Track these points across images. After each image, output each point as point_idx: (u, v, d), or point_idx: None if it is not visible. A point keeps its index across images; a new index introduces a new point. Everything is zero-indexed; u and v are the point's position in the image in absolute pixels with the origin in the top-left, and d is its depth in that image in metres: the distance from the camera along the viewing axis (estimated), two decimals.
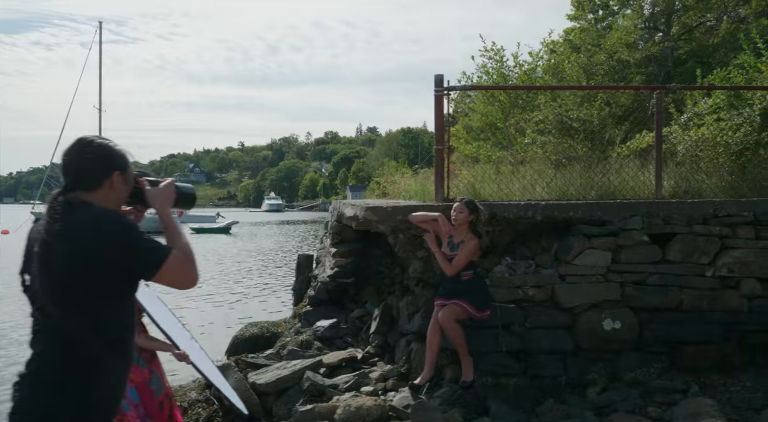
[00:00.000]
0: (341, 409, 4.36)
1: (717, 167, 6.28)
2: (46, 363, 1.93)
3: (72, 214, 1.93)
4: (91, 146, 2.06)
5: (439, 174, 5.59)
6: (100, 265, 1.90)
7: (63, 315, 1.90)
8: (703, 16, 31.36)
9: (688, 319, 5.05)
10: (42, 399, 1.90)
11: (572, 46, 36.09)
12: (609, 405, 4.56)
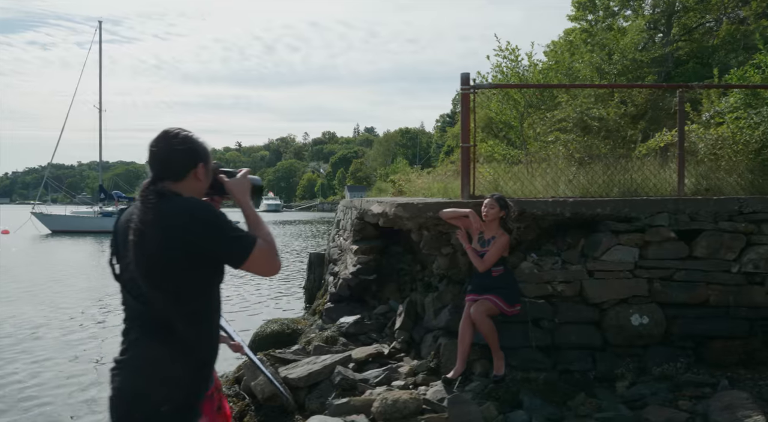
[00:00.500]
0: (378, 402, 4.41)
1: (736, 165, 6.36)
2: (144, 348, 1.99)
3: (165, 204, 1.99)
4: (177, 138, 2.12)
5: (466, 171, 5.64)
6: (193, 253, 1.96)
7: (158, 302, 1.96)
8: (702, 17, 31.50)
9: (715, 315, 5.12)
10: (143, 382, 1.97)
11: (573, 46, 36.16)
12: (639, 398, 4.61)
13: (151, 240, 1.93)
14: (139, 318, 2.02)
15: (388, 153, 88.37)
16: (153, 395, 1.96)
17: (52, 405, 6.34)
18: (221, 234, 1.99)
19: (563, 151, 6.28)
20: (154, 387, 1.96)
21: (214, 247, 1.99)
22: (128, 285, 2.04)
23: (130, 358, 2.01)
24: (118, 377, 2.02)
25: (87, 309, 11.69)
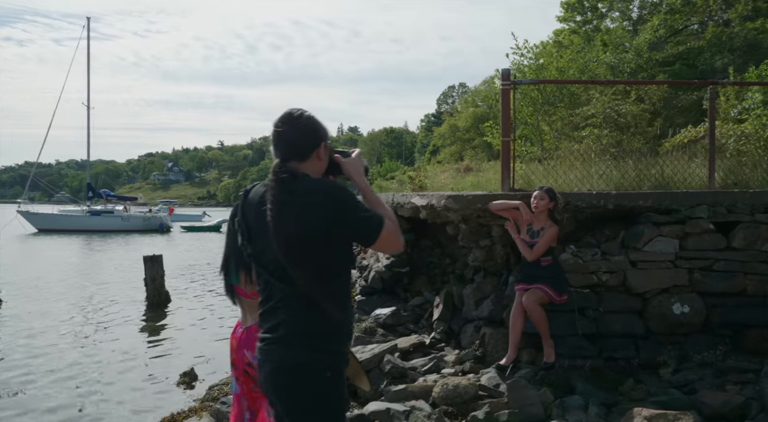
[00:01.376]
0: (439, 387, 4.51)
1: (760, 160, 6.56)
2: (297, 324, 2.06)
3: (301, 184, 2.04)
4: (302, 118, 2.16)
5: (506, 165, 5.76)
6: (330, 233, 2.02)
7: (302, 281, 2.02)
8: (688, 19, 32.05)
9: (752, 304, 5.29)
10: (305, 352, 2.05)
11: (562, 46, 36.66)
12: (686, 384, 4.76)
13: (290, 220, 1.99)
14: (286, 298, 2.07)
15: (373, 152, 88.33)
16: (316, 363, 2.05)
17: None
18: (356, 214, 2.04)
19: (595, 146, 6.44)
20: (315, 357, 2.05)
21: (350, 226, 2.05)
22: (270, 266, 2.09)
23: (286, 334, 2.06)
24: (274, 351, 2.08)
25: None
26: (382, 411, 4.48)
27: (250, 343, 3.47)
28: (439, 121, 68.04)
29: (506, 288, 5.69)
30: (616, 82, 8.69)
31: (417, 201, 5.94)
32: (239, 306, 3.62)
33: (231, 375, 3.74)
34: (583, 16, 35.98)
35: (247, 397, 3.57)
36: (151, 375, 7.05)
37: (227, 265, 3.57)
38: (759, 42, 24.27)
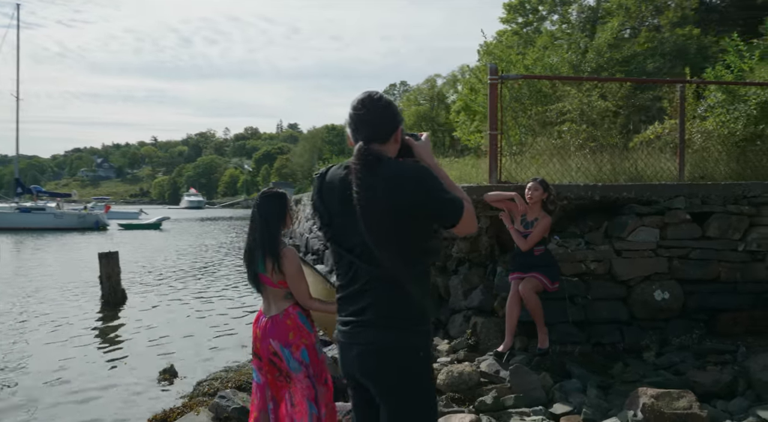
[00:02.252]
0: (444, 375, 4.58)
1: (722, 155, 6.95)
2: (383, 309, 2.07)
3: (388, 166, 2.05)
4: (381, 101, 2.17)
5: (494, 158, 5.90)
6: (417, 214, 2.04)
7: (388, 262, 2.02)
8: (622, 24, 33.33)
9: (724, 290, 5.62)
10: (400, 333, 2.07)
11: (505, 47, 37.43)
12: (670, 366, 5.02)
13: (379, 202, 1.99)
14: (373, 280, 2.08)
15: (314, 149, 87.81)
16: (408, 344, 2.07)
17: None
18: (441, 196, 2.06)
19: (573, 140, 6.68)
20: (406, 337, 2.07)
21: (435, 207, 2.06)
22: (356, 249, 2.09)
23: (374, 317, 2.07)
24: (363, 334, 2.09)
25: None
26: None
27: (276, 332, 3.45)
28: None
29: (494, 278, 5.82)
30: (601, 79, 9.02)
31: None
32: (263, 295, 3.59)
33: (252, 365, 3.70)
34: (524, 17, 36.95)
35: (271, 387, 3.55)
36: (126, 373, 6.83)
37: (253, 254, 3.54)
38: (687, 47, 25.52)
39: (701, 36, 27.06)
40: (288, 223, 3.60)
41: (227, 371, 5.90)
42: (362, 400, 2.25)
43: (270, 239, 3.47)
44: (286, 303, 3.49)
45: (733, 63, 8.19)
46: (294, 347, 3.43)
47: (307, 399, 3.44)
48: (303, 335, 3.46)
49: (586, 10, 36.20)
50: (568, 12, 36.05)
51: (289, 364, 3.43)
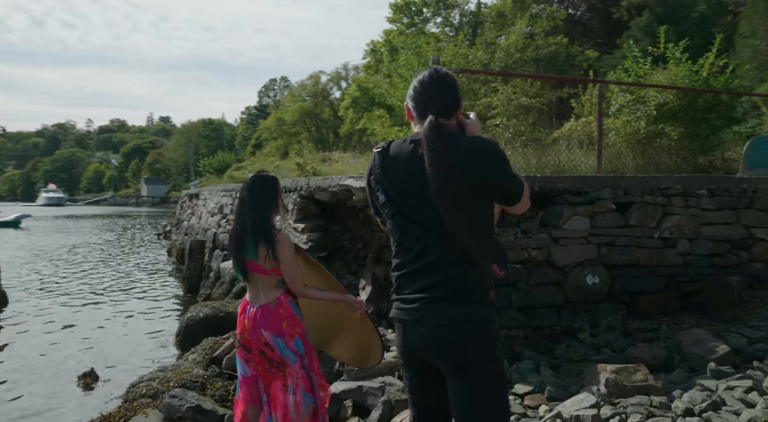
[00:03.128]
0: None
1: (627, 151, 7.57)
2: (455, 283, 2.08)
3: (459, 140, 2.07)
4: (449, 76, 2.21)
5: None
6: (488, 188, 2.09)
7: (460, 235, 2.04)
8: (500, 30, 35.18)
9: (643, 274, 6.12)
10: (473, 306, 2.10)
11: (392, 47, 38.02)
12: (605, 345, 5.39)
13: (454, 175, 1.99)
14: (443, 255, 2.07)
15: (189, 144, 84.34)
16: (482, 317, 2.11)
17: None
18: (511, 172, 2.11)
19: (504, 134, 6.96)
20: (480, 311, 2.10)
21: (505, 183, 2.10)
22: (425, 223, 2.08)
23: (447, 292, 2.07)
24: (434, 310, 2.08)
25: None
26: (354, 389, 4.49)
27: (268, 322, 3.32)
28: (262, 113, 67.03)
29: None
30: (533, 76, 9.43)
31: (352, 183, 5.95)
32: (250, 284, 3.43)
33: (238, 357, 3.52)
34: (409, 18, 37.85)
35: (263, 379, 3.40)
36: (37, 381, 6.20)
37: (242, 240, 3.36)
38: (557, 55, 27.43)
39: (569, 45, 29.17)
40: (280, 208, 3.47)
41: (164, 370, 5.55)
42: (424, 381, 2.22)
43: (263, 224, 3.33)
44: (278, 292, 3.37)
45: (631, 68, 8.93)
46: (288, 336, 3.33)
47: (302, 390, 3.34)
48: (296, 324, 3.37)
49: (468, 15, 37.76)
50: (451, 15, 37.41)
51: (284, 354, 3.31)
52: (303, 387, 3.35)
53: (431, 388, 2.21)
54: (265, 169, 3.23)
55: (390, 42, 36.24)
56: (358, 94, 33.23)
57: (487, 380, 2.06)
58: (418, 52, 9.72)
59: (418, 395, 2.25)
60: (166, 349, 7.41)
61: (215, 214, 12.28)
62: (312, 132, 48.91)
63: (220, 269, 10.05)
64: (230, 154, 35.34)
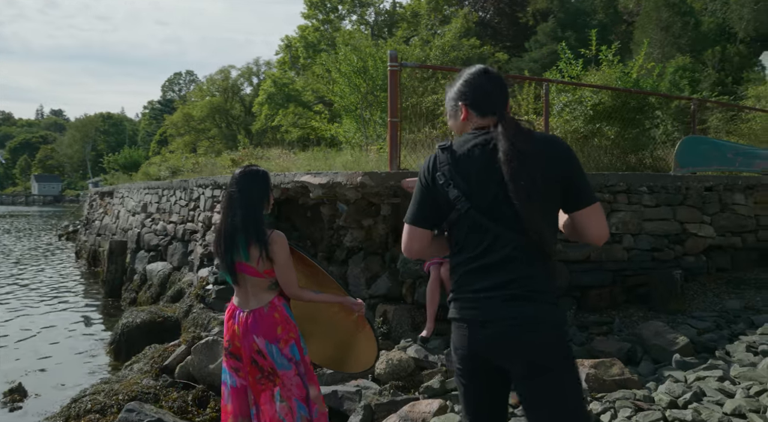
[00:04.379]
0: (384, 364, 4.48)
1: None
2: (530, 281, 1.99)
3: (535, 136, 2.06)
4: (498, 74, 2.22)
5: (394, 145, 5.89)
6: (565, 186, 2.03)
7: (537, 234, 1.98)
8: (414, 30, 35.72)
9: (593, 269, 6.30)
10: (548, 307, 2.00)
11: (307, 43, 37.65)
12: None
13: (534, 171, 1.95)
14: (518, 251, 2.00)
15: (86, 139, 79.63)
16: (557, 316, 2.04)
17: None
18: (584, 172, 2.08)
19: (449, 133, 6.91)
20: (554, 309, 2.03)
21: (581, 182, 2.05)
22: (503, 219, 2.00)
23: (522, 289, 1.98)
24: (508, 308, 1.98)
25: None
26: (329, 395, 4.31)
27: (261, 327, 3.08)
28: (167, 108, 64.32)
29: (397, 265, 5.84)
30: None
31: (310, 179, 5.71)
32: (239, 287, 3.17)
33: (225, 367, 3.25)
34: (324, 15, 37.58)
35: (252, 390, 3.15)
36: None
37: (232, 239, 3.11)
38: (471, 57, 28.18)
39: (481, 47, 30.00)
40: (271, 205, 3.24)
41: (108, 382, 5.10)
42: (483, 385, 2.10)
43: (255, 222, 3.09)
44: (270, 295, 3.14)
45: (564, 69, 9.20)
46: (283, 342, 3.10)
47: (296, 398, 3.12)
48: (291, 329, 3.14)
49: (383, 14, 37.95)
50: (366, 13, 37.45)
51: (276, 361, 3.08)
52: (297, 396, 3.13)
53: (488, 394, 2.11)
54: (254, 163, 3.01)
55: (305, 38, 35.87)
56: (273, 90, 32.63)
57: (564, 381, 1.97)
58: (358, 47, 9.60)
59: (474, 401, 2.13)
60: (97, 359, 6.85)
61: (137, 213, 11.57)
62: (222, 128, 47.53)
63: (147, 271, 9.46)
64: (138, 150, 33.59)
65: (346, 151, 8.65)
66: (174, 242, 9.43)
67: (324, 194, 5.71)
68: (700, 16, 40.38)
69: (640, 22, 38.12)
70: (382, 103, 9.28)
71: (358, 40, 20.87)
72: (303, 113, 30.68)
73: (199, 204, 8.56)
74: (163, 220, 10.21)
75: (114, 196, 14.58)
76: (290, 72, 36.37)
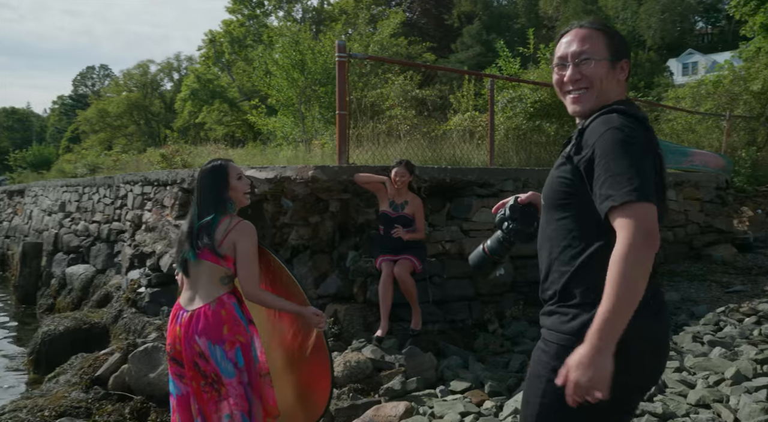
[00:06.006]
0: (342, 366, 4.26)
1: (509, 145, 7.82)
2: None
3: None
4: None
5: (343, 138, 5.67)
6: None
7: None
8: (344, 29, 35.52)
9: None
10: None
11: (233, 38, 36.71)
12: (518, 335, 5.45)
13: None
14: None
15: None
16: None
17: None
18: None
19: (402, 126, 6.78)
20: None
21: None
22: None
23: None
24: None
25: None
26: None
27: (204, 327, 2.79)
28: (80, 104, 60.96)
29: (346, 263, 5.63)
30: (436, 67, 9.28)
31: (255, 174, 5.39)
32: (189, 282, 2.87)
33: (168, 374, 2.94)
34: (250, 10, 36.73)
35: (197, 398, 2.84)
36: None
37: (191, 230, 2.84)
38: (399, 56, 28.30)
39: (408, 46, 30.17)
40: (233, 194, 2.95)
41: (30, 397, 4.60)
42: None
43: (219, 200, 2.85)
44: (220, 290, 2.83)
45: (503, 66, 9.26)
46: (228, 344, 2.78)
47: (241, 412, 2.82)
48: (239, 331, 2.83)
49: (311, 11, 37.51)
50: (293, 10, 36.88)
51: (220, 366, 2.76)
52: (241, 408, 2.83)
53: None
54: (211, 159, 2.76)
55: (231, 33, 34.91)
56: (197, 86, 31.53)
57: None
58: (297, 41, 9.27)
59: None
60: (12, 373, 6.24)
61: (54, 213, 10.75)
62: (141, 125, 45.64)
63: (66, 275, 8.76)
64: (49, 147, 31.64)
65: (285, 147, 8.35)
66: (98, 243, 8.80)
67: (271, 189, 5.41)
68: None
69: (561, 26, 39.49)
70: (321, 97, 9.05)
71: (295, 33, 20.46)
72: (228, 110, 29.86)
73: (127, 202, 8.01)
74: (85, 220, 9.52)
75: (25, 195, 13.52)
76: (214, 67, 35.29)
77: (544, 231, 1.93)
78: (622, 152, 1.55)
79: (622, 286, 1.47)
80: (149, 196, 7.30)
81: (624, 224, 1.50)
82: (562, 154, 1.78)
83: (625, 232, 1.49)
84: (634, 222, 1.49)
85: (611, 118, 1.65)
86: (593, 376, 1.50)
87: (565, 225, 1.78)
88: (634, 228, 1.48)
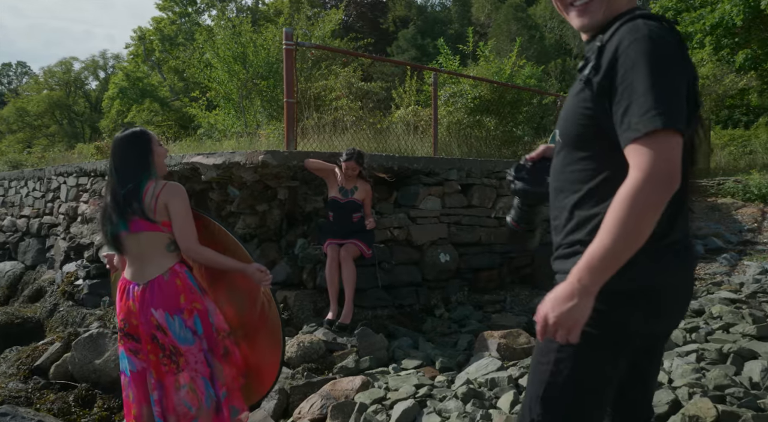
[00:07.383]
0: (296, 347, 4.27)
1: (452, 138, 8.02)
2: None
3: None
4: None
5: (291, 126, 5.68)
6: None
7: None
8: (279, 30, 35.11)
9: (483, 251, 6.49)
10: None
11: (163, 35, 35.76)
12: (464, 318, 5.60)
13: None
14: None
15: None
16: None
17: None
18: None
19: (348, 117, 6.82)
20: None
21: None
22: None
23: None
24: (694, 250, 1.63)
25: None
26: None
27: (160, 299, 2.77)
28: None
29: (295, 250, 5.64)
30: (385, 59, 9.27)
31: (202, 160, 5.31)
32: (130, 257, 2.80)
33: (122, 351, 2.87)
34: (182, 8, 35.87)
35: (155, 371, 2.80)
36: None
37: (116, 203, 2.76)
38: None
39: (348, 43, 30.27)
40: (156, 160, 2.87)
41: None
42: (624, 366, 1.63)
43: (144, 165, 2.79)
44: (170, 260, 2.78)
45: (444, 63, 9.48)
46: (186, 313, 2.76)
47: (202, 376, 2.81)
48: (195, 298, 2.81)
49: (245, 10, 36.98)
50: (227, 9, 36.26)
51: (178, 336, 2.73)
52: (203, 373, 2.82)
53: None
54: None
55: (161, 30, 33.97)
56: (125, 84, 30.51)
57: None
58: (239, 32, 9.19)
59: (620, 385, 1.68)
60: None
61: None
62: (64, 125, 43.72)
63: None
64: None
65: (225, 141, 8.25)
66: (27, 238, 8.41)
67: (218, 176, 5.35)
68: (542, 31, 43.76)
69: (493, 32, 40.50)
70: (263, 91, 9.00)
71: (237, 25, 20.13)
72: (159, 110, 29.05)
73: (60, 194, 7.71)
74: (11, 215, 9.08)
75: None
76: (144, 65, 34.25)
77: (562, 173, 1.58)
78: (651, 68, 1.29)
79: (624, 229, 1.27)
80: (85, 187, 7.06)
81: (641, 155, 1.27)
82: (579, 78, 1.48)
83: (640, 166, 1.27)
84: (653, 155, 1.26)
85: (637, 25, 1.37)
86: (564, 315, 1.39)
87: (588, 164, 1.49)
88: (652, 163, 1.26)
